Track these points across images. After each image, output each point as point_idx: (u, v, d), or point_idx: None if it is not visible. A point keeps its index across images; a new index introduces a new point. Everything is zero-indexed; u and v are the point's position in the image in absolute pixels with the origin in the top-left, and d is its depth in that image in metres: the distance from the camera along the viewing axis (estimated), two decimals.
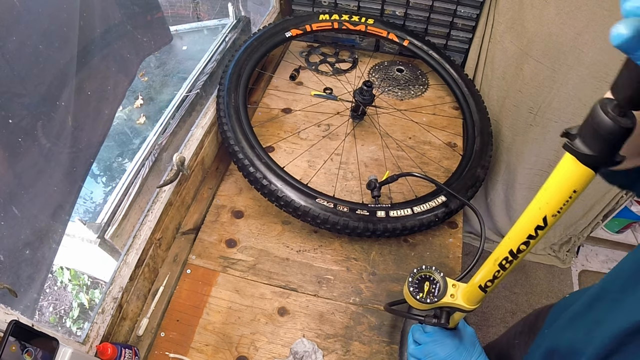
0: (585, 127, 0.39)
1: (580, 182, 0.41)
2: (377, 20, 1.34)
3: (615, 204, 1.60)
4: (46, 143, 0.72)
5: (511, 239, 0.51)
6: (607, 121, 0.36)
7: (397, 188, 1.09)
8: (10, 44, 0.64)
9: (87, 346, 0.73)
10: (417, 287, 0.70)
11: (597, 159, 0.39)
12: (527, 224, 0.48)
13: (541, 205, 0.46)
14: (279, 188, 0.93)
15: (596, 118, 0.36)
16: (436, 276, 0.70)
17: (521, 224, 0.49)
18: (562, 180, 0.43)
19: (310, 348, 0.83)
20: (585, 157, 0.39)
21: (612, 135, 0.36)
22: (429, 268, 0.71)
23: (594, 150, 0.38)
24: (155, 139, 1.06)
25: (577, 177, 0.41)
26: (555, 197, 0.44)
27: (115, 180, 1.19)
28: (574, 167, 0.41)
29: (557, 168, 0.43)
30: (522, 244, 0.50)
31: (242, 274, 0.95)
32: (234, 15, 1.44)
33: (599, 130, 0.37)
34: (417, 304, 0.69)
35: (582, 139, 0.39)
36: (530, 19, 1.19)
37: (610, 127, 0.36)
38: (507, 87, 1.36)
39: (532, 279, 1.87)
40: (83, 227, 0.90)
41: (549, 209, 0.45)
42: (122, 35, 0.93)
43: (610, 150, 0.38)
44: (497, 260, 0.54)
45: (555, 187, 0.44)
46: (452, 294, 0.67)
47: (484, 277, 0.59)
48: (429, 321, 0.71)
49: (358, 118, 1.24)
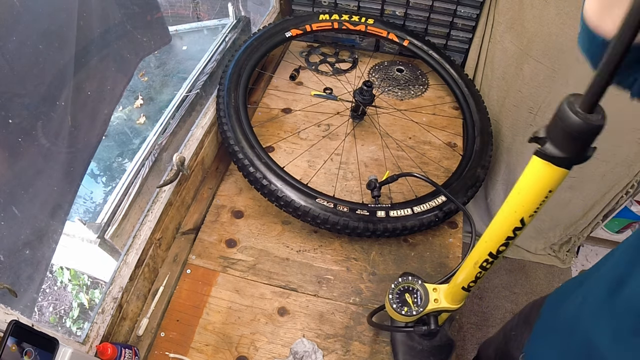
0: (554, 129, 0.37)
1: (555, 182, 0.40)
2: (377, 20, 1.34)
3: (615, 204, 1.60)
4: (46, 143, 0.72)
5: (489, 242, 0.50)
6: (576, 120, 0.34)
7: (397, 188, 1.09)
8: (10, 44, 0.64)
9: (87, 346, 0.73)
10: (399, 300, 0.70)
11: (570, 159, 0.37)
12: (504, 226, 0.47)
13: (517, 208, 0.45)
14: (278, 188, 0.93)
15: (565, 119, 0.35)
16: (415, 285, 0.70)
17: (498, 227, 0.48)
18: (536, 182, 0.41)
19: (310, 348, 0.83)
20: (559, 159, 0.38)
21: (584, 134, 0.35)
22: (405, 279, 0.71)
23: (567, 151, 0.37)
24: (155, 139, 1.06)
25: (551, 178, 0.40)
26: (530, 198, 0.43)
27: (115, 180, 1.19)
28: (548, 169, 0.39)
29: (528, 170, 0.42)
30: (501, 245, 0.49)
31: (242, 274, 0.95)
32: (234, 15, 1.44)
33: (569, 130, 0.35)
34: (403, 318, 0.69)
35: (552, 142, 0.37)
36: (530, 19, 1.19)
37: (581, 127, 0.34)
38: (507, 87, 1.36)
39: (532, 279, 1.87)
40: (83, 227, 0.90)
41: (524, 210, 0.44)
42: (122, 35, 0.93)
43: (582, 147, 0.36)
44: (478, 263, 0.54)
45: (530, 189, 0.43)
46: (435, 299, 0.67)
47: (466, 279, 0.59)
48: (418, 331, 0.71)
49: (358, 118, 1.24)
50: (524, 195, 0.44)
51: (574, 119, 0.34)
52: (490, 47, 1.34)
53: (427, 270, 0.97)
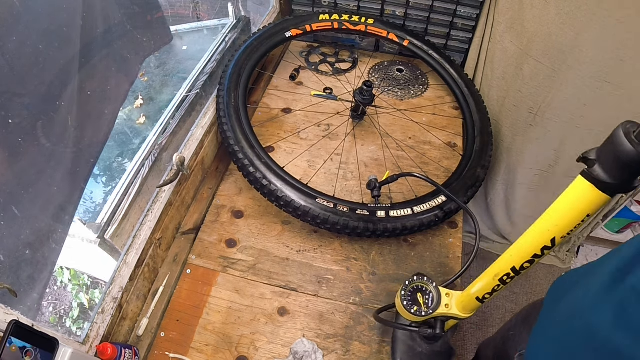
0: (605, 153, 0.36)
1: (595, 207, 0.39)
2: (377, 20, 1.34)
3: (615, 204, 1.60)
4: (46, 143, 0.72)
5: (514, 256, 0.49)
6: (631, 149, 0.33)
7: (397, 188, 1.09)
8: (10, 44, 0.64)
9: (87, 346, 0.73)
10: (410, 299, 0.69)
11: (617, 186, 0.36)
12: (534, 243, 0.46)
13: (550, 227, 0.43)
14: (278, 188, 0.93)
15: (619, 146, 0.33)
16: (429, 287, 0.70)
17: (527, 243, 0.47)
18: (576, 204, 0.40)
19: (310, 348, 0.83)
20: (605, 184, 0.37)
21: (635, 164, 0.33)
22: (421, 279, 0.70)
23: (614, 178, 0.36)
24: (155, 139, 1.06)
25: (592, 202, 0.39)
26: (566, 219, 0.42)
27: (115, 180, 1.19)
28: (590, 193, 0.38)
29: (570, 190, 0.40)
30: (526, 262, 0.48)
31: (242, 274, 0.95)
32: (234, 15, 1.44)
33: (622, 157, 0.34)
34: (412, 317, 0.68)
35: (601, 165, 0.36)
36: (530, 19, 1.19)
37: (633, 155, 0.33)
38: (507, 87, 1.36)
39: (532, 279, 1.87)
40: (83, 227, 0.90)
41: (558, 230, 0.43)
42: (122, 35, 0.93)
43: (630, 176, 0.35)
44: (498, 276, 0.53)
45: (567, 210, 0.41)
46: (446, 304, 0.67)
47: (482, 290, 0.57)
48: (423, 331, 0.70)
49: (358, 118, 1.24)
50: (560, 215, 0.42)
51: (628, 147, 0.33)
52: (490, 47, 1.34)
53: (427, 270, 0.97)
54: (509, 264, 0.50)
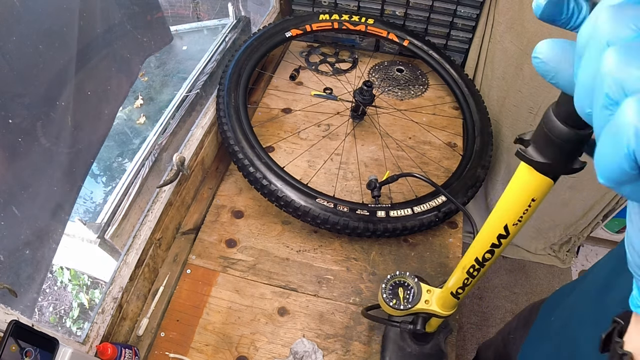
0: (538, 133, 0.35)
1: (538, 190, 0.39)
2: (377, 20, 1.34)
3: (615, 204, 1.60)
4: (46, 143, 0.72)
5: (476, 247, 0.50)
6: (561, 127, 0.32)
7: (397, 188, 1.09)
8: (10, 44, 0.64)
9: (87, 346, 0.73)
10: (391, 293, 0.70)
11: (553, 167, 0.35)
12: (490, 232, 0.46)
13: (501, 214, 0.44)
14: (279, 188, 0.93)
15: (550, 124, 0.33)
16: (410, 282, 0.70)
17: (484, 233, 0.47)
18: (520, 188, 0.40)
19: (310, 348, 0.83)
20: (540, 164, 0.36)
21: (567, 142, 0.33)
22: (402, 274, 0.71)
23: (549, 157, 0.35)
24: (155, 139, 1.06)
25: (534, 185, 0.38)
26: (514, 206, 0.42)
27: (115, 180, 1.19)
28: (531, 175, 0.38)
29: (515, 176, 0.40)
30: (486, 252, 0.48)
31: (242, 274, 0.95)
32: (234, 15, 1.45)
33: (552, 137, 0.33)
34: (391, 310, 0.69)
35: (535, 146, 0.35)
36: (530, 19, 1.19)
37: (564, 133, 0.32)
38: (507, 87, 1.36)
39: (532, 279, 1.87)
40: (83, 227, 0.90)
41: (508, 217, 0.43)
42: (122, 35, 0.93)
43: (566, 157, 0.34)
44: (465, 268, 0.54)
45: (514, 196, 0.41)
46: (426, 300, 0.67)
47: (455, 284, 0.58)
48: (404, 327, 0.71)
49: (358, 118, 1.24)
50: (508, 202, 0.43)
51: (556, 122, 0.32)
52: (490, 47, 1.34)
53: (427, 271, 0.97)
54: (472, 255, 0.51)
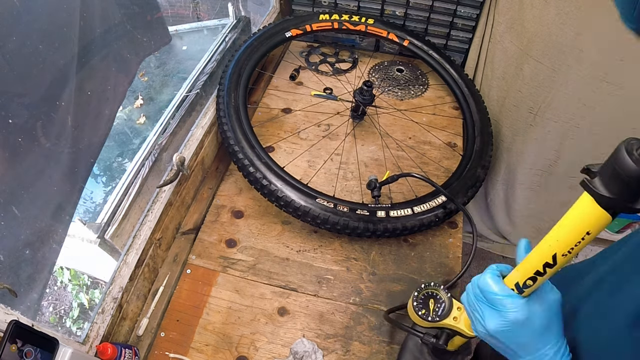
0: (606, 166, 0.35)
1: (596, 225, 0.39)
2: (377, 20, 1.34)
3: None
4: (46, 143, 0.72)
5: (520, 270, 0.48)
6: (631, 164, 0.33)
7: (397, 188, 1.09)
8: (10, 44, 0.64)
9: (87, 346, 0.73)
10: (422, 302, 0.69)
11: (615, 203, 0.36)
12: (537, 259, 0.45)
13: (552, 243, 0.43)
14: (279, 188, 0.93)
15: (619, 160, 0.33)
16: (443, 295, 0.69)
17: (531, 258, 0.46)
18: (577, 219, 0.40)
19: (310, 348, 0.83)
20: (603, 198, 0.36)
21: (635, 179, 0.33)
22: (437, 286, 0.70)
23: (614, 192, 0.35)
24: (155, 139, 1.06)
25: (592, 218, 0.38)
26: (567, 236, 0.41)
27: (115, 180, 1.19)
28: (591, 208, 0.38)
29: (574, 206, 0.40)
30: (529, 279, 0.47)
31: (242, 274, 0.95)
32: (234, 15, 1.45)
33: (621, 172, 0.33)
34: (418, 319, 0.68)
35: (602, 178, 0.36)
36: (530, 19, 1.19)
37: (633, 171, 0.33)
38: (507, 87, 1.36)
39: None
40: (83, 227, 0.90)
41: (559, 247, 0.42)
42: (122, 35, 0.93)
43: (631, 195, 0.35)
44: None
45: (569, 226, 0.41)
46: (455, 317, 0.66)
47: None
48: (427, 339, 0.70)
49: (358, 118, 1.24)
50: (562, 230, 0.42)
51: (628, 163, 0.33)
52: (490, 47, 1.34)
53: (427, 270, 0.97)
54: (513, 280, 0.49)
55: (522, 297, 0.48)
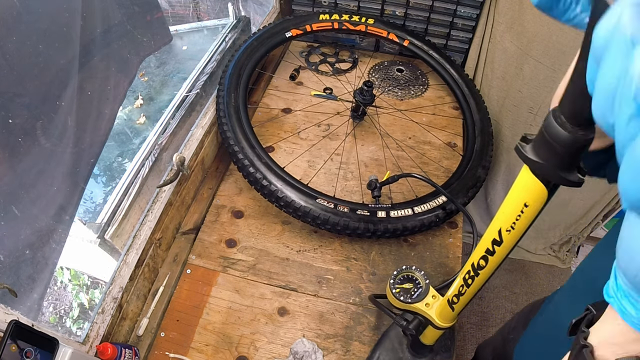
0: (538, 134, 0.35)
1: (532, 196, 0.39)
2: (377, 20, 1.34)
3: (615, 204, 1.60)
4: (46, 143, 0.72)
5: (474, 252, 0.49)
6: (556, 127, 0.33)
7: (398, 188, 1.09)
8: (10, 44, 0.64)
9: (87, 346, 0.73)
10: (400, 282, 0.70)
11: (545, 169, 0.35)
12: (486, 237, 0.46)
13: (498, 217, 0.44)
14: (279, 188, 0.93)
15: (546, 125, 0.33)
16: (421, 280, 0.70)
17: (483, 238, 0.47)
18: (515, 191, 0.40)
19: (310, 348, 0.83)
20: (533, 164, 0.36)
21: (559, 143, 0.33)
22: (418, 271, 0.71)
23: (542, 158, 0.35)
24: (155, 139, 1.06)
25: (528, 188, 0.38)
26: (508, 208, 0.42)
27: (115, 180, 1.19)
28: (527, 178, 0.38)
29: (516, 180, 0.41)
30: (480, 258, 0.48)
31: (242, 274, 0.95)
32: (234, 15, 1.45)
33: (548, 137, 0.33)
34: (391, 297, 0.69)
35: (534, 145, 0.36)
36: (530, 19, 1.19)
37: (557, 134, 0.32)
38: (507, 87, 1.36)
39: (532, 279, 1.87)
40: (83, 227, 0.90)
41: (502, 222, 0.43)
42: (122, 35, 0.93)
43: (558, 161, 0.34)
44: (462, 273, 0.53)
45: (510, 199, 0.41)
46: (427, 303, 0.66)
47: (452, 291, 0.58)
48: (398, 320, 0.70)
49: (358, 118, 1.24)
50: (505, 204, 0.42)
51: (553, 124, 0.33)
52: (490, 47, 1.34)
53: (427, 270, 0.97)
54: (470, 261, 0.50)
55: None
